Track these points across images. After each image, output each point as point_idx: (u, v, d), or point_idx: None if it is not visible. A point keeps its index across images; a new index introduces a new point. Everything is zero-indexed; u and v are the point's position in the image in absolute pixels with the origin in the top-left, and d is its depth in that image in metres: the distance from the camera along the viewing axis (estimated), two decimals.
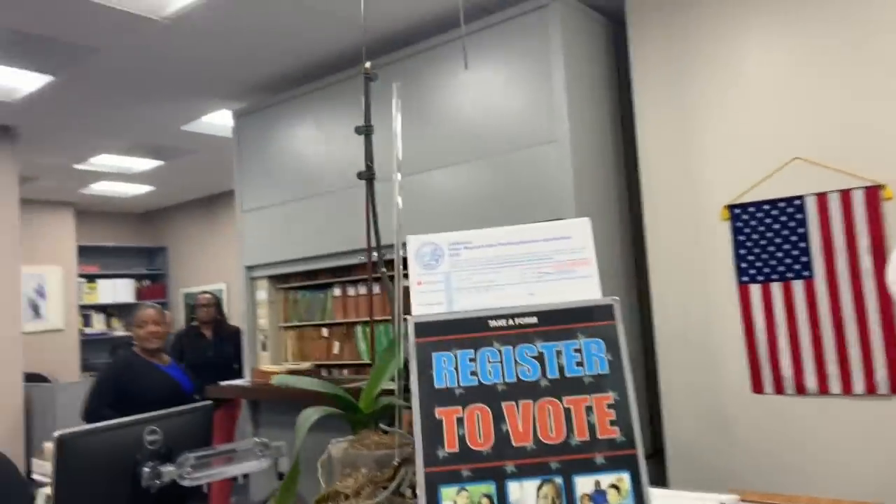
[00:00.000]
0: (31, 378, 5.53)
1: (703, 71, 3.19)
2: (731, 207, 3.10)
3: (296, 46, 3.95)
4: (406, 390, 0.83)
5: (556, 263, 0.71)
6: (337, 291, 4.36)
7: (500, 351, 0.66)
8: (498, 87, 3.42)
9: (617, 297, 0.69)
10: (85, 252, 8.11)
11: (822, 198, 2.89)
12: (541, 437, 0.64)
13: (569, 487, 0.63)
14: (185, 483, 1.69)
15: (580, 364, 0.66)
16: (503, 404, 0.65)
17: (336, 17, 3.54)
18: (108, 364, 3.54)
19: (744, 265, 3.08)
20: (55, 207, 7.78)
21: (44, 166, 6.22)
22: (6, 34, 3.57)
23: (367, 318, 4.15)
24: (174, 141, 5.71)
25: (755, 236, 3.05)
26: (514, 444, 0.64)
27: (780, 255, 2.99)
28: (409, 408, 0.87)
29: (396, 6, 3.52)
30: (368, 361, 4.12)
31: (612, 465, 0.63)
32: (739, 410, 3.06)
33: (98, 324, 8.34)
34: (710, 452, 3.14)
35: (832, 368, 2.86)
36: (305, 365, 4.21)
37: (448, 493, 0.63)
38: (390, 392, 0.83)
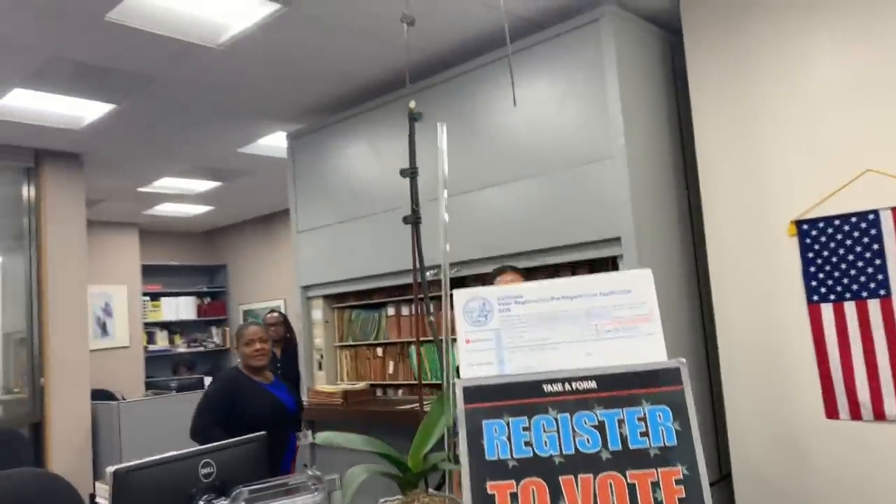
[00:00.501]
0: (98, 394, 5.68)
1: (765, 79, 3.06)
2: (799, 223, 2.95)
3: (346, 69, 3.98)
4: (456, 447, 0.79)
5: (616, 320, 0.65)
6: (391, 311, 4.35)
7: (556, 419, 0.61)
8: (551, 103, 3.36)
9: (683, 360, 0.63)
10: (148, 271, 8.35)
11: None
12: None
13: None
14: None
15: (645, 434, 0.60)
16: (561, 478, 0.60)
17: (384, 39, 3.55)
18: (215, 382, 3.47)
19: (814, 283, 2.92)
20: (121, 228, 8.04)
21: (109, 190, 6.43)
22: (71, 66, 3.70)
23: (426, 339, 4.12)
24: (232, 163, 5.83)
25: (826, 253, 2.90)
26: None
27: (853, 272, 2.83)
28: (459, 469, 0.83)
29: (444, 26, 3.51)
30: (422, 382, 4.09)
31: None
32: (811, 437, 2.90)
33: (161, 341, 8.57)
34: (781, 480, 2.98)
35: None
36: (360, 385, 4.20)
37: None
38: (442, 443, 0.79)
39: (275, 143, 5.29)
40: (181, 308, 8.72)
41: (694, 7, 3.27)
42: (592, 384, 0.62)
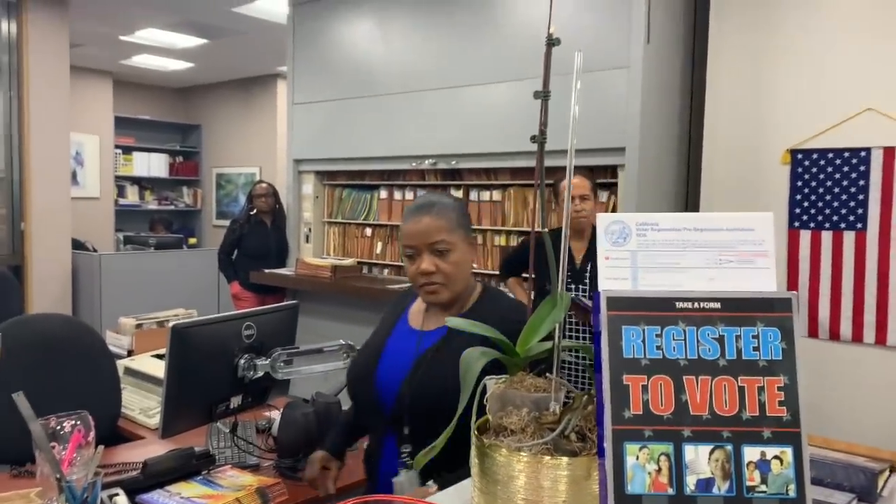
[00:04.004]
0: (73, 244, 5.70)
1: (782, 8, 3.11)
2: (794, 152, 3.10)
3: None
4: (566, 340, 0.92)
5: (739, 253, 0.77)
6: (383, 194, 4.42)
7: (684, 330, 0.74)
8: (575, 3, 3.34)
9: (796, 293, 0.76)
10: (121, 123, 8.14)
11: (889, 152, 2.88)
12: (716, 409, 0.73)
13: (738, 455, 0.73)
14: (278, 376, 1.83)
15: (756, 349, 0.74)
16: (684, 377, 0.74)
17: None
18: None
19: (797, 210, 3.11)
20: (94, 76, 7.75)
21: (90, 35, 6.16)
22: None
23: None
24: (223, 21, 5.62)
25: (813, 183, 3.07)
26: (691, 412, 0.73)
27: (835, 204, 3.02)
28: (572, 362, 0.96)
29: None
30: None
31: (778, 440, 0.73)
32: None
33: (132, 195, 8.49)
34: None
35: (869, 318, 2.95)
36: (349, 261, 4.34)
37: (632, 449, 0.73)
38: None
39: (271, 6, 5.11)
40: (153, 164, 8.60)
41: None
42: (717, 304, 0.75)
